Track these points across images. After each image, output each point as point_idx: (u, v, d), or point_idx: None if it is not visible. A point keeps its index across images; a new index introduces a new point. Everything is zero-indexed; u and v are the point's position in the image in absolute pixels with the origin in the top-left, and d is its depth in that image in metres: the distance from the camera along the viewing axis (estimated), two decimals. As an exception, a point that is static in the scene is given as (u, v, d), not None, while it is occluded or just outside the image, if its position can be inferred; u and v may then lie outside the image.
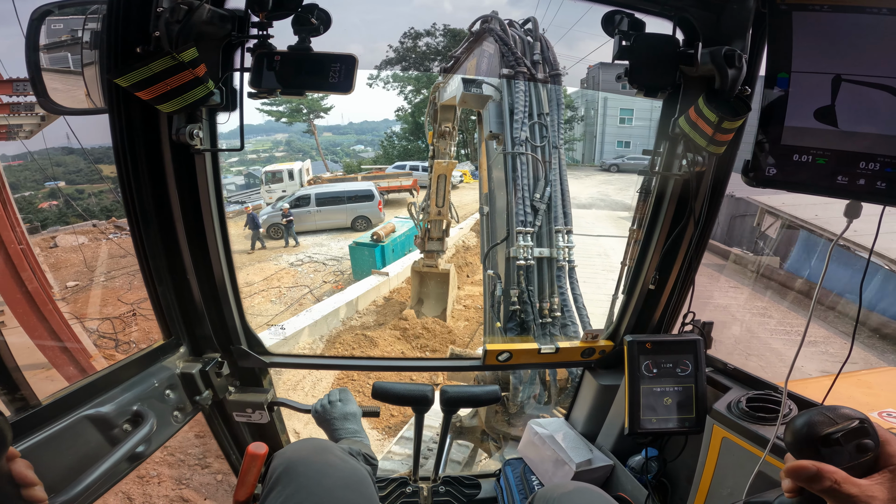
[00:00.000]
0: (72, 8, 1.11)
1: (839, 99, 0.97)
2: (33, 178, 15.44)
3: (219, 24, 1.04)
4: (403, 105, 29.91)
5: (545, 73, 2.89)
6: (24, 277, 4.75)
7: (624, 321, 1.51)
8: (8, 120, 5.56)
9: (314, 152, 33.29)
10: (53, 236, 12.50)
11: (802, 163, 1.02)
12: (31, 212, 14.25)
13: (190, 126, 1.05)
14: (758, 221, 10.08)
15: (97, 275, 10.14)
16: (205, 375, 1.27)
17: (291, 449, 1.12)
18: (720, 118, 1.06)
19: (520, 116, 2.77)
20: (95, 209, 15.31)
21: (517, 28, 3.05)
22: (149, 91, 0.97)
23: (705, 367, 1.33)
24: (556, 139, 2.88)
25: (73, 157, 16.97)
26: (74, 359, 5.05)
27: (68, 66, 1.06)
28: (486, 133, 2.98)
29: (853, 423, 0.59)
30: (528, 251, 2.62)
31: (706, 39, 1.12)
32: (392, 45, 27.02)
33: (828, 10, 1.03)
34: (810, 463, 0.58)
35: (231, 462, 1.63)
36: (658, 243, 1.33)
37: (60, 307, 5.31)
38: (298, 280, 11.53)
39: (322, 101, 30.48)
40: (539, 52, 2.90)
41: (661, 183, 1.28)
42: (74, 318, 7.24)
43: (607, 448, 1.68)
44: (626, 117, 29.11)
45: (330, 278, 11.60)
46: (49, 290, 5.35)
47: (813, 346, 7.01)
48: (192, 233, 1.17)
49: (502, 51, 2.88)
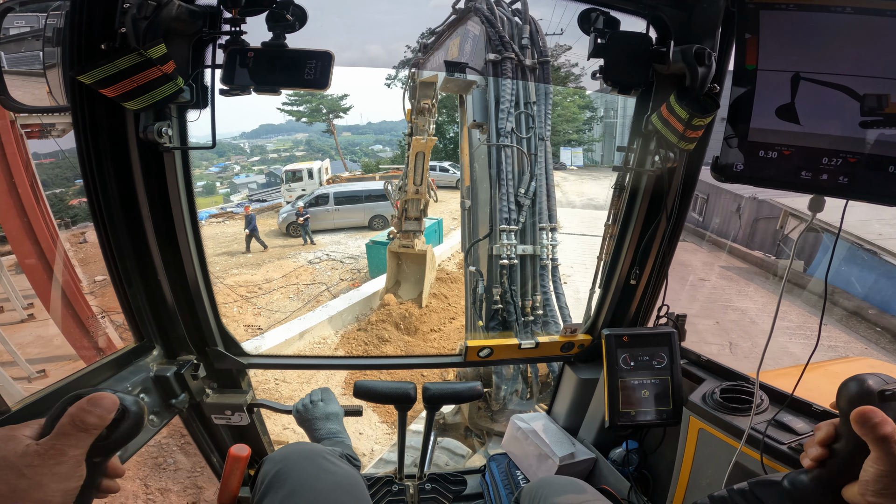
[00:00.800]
0: (33, 4, 1.07)
1: (800, 97, 1.00)
2: (64, 176, 15.31)
3: (189, 20, 1.02)
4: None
5: (533, 59, 2.72)
6: (56, 272, 4.79)
7: (601, 315, 1.53)
8: (41, 119, 5.48)
9: (333, 152, 33.23)
10: (83, 232, 12.49)
11: (768, 159, 1.05)
12: (62, 209, 14.14)
13: (158, 124, 1.02)
14: (780, 224, 10.16)
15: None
16: (180, 378, 1.25)
17: (281, 453, 1.11)
18: (690, 115, 1.08)
19: (506, 106, 2.62)
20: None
21: (505, 8, 2.84)
22: (114, 88, 0.94)
23: (680, 360, 1.35)
24: (544, 131, 2.75)
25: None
26: (101, 351, 5.09)
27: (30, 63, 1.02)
28: (469, 122, 2.84)
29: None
30: (511, 249, 2.56)
31: (678, 38, 1.13)
32: (410, 46, 26.85)
33: (794, 8, 1.05)
34: (878, 409, 0.61)
35: (212, 465, 1.61)
36: (633, 238, 1.35)
37: (89, 300, 5.31)
38: (316, 277, 11.66)
39: (341, 102, 30.44)
40: (528, 35, 2.71)
41: (635, 179, 1.30)
42: (102, 311, 7.21)
43: (589, 441, 1.70)
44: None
45: (347, 276, 11.74)
46: (78, 284, 5.33)
47: (812, 338, 7.15)
48: (163, 233, 1.14)
49: (489, 33, 2.69)
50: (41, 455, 0.55)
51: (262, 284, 10.98)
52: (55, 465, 0.55)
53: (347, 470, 1.10)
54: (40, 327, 5.47)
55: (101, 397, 0.60)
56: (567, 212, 15.94)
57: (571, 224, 14.02)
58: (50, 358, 5.12)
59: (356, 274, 11.81)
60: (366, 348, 7.81)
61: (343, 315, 8.48)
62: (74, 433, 0.57)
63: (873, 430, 0.60)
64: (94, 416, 0.58)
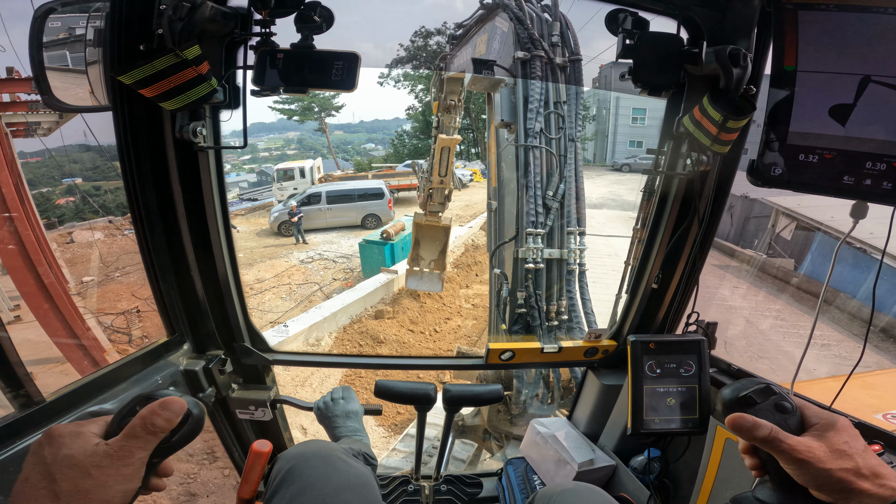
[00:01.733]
0: (75, 6, 1.11)
1: (842, 99, 0.96)
2: (51, 175, 15.47)
3: (221, 21, 1.04)
4: (414, 104, 29.96)
5: (564, 57, 2.62)
6: (41, 272, 4.79)
7: (627, 321, 1.51)
8: (26, 117, 5.60)
9: (325, 150, 33.49)
10: (70, 232, 12.59)
11: (808, 162, 1.02)
12: (49, 208, 14.28)
13: (193, 123, 1.05)
14: (773, 223, 10.02)
15: (112, 270, 10.24)
16: (208, 372, 1.28)
17: (296, 450, 1.12)
18: (725, 117, 1.05)
19: (535, 105, 2.54)
20: (111, 206, 15.42)
21: (534, 4, 2.74)
22: (152, 88, 0.97)
23: (709, 368, 1.32)
24: (574, 132, 2.66)
25: (90, 154, 17.09)
26: (89, 353, 5.10)
27: (72, 63, 1.06)
28: (497, 121, 2.74)
29: (759, 385, 0.70)
30: (537, 253, 2.50)
31: (711, 38, 1.11)
32: (403, 44, 26.96)
33: (834, 9, 1.02)
34: (747, 415, 0.66)
35: (234, 459, 1.63)
36: (662, 243, 1.32)
37: (76, 302, 5.32)
38: (309, 277, 11.63)
39: (333, 100, 30.66)
40: (558, 32, 2.62)
41: (665, 182, 1.27)
42: (89, 312, 7.26)
43: (610, 448, 1.67)
44: (638, 117, 28.98)
45: (340, 276, 11.67)
46: (65, 284, 5.40)
47: (826, 350, 6.97)
48: (196, 230, 1.17)
49: (517, 30, 2.60)
50: (110, 456, 0.56)
51: (253, 284, 10.94)
52: (122, 466, 0.56)
53: (359, 469, 1.11)
54: (27, 329, 5.25)
55: (172, 401, 0.61)
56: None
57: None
58: (37, 361, 5.05)
59: (349, 273, 11.73)
60: (360, 350, 7.86)
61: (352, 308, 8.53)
62: (143, 435, 0.58)
63: (750, 436, 0.64)
64: (162, 419, 0.59)
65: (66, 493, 0.52)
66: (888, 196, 0.97)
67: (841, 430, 0.63)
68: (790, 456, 0.61)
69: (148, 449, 0.58)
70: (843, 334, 7.43)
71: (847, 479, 0.58)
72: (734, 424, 0.66)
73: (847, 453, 0.60)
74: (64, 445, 0.55)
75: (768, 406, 0.67)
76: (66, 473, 0.53)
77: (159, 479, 0.65)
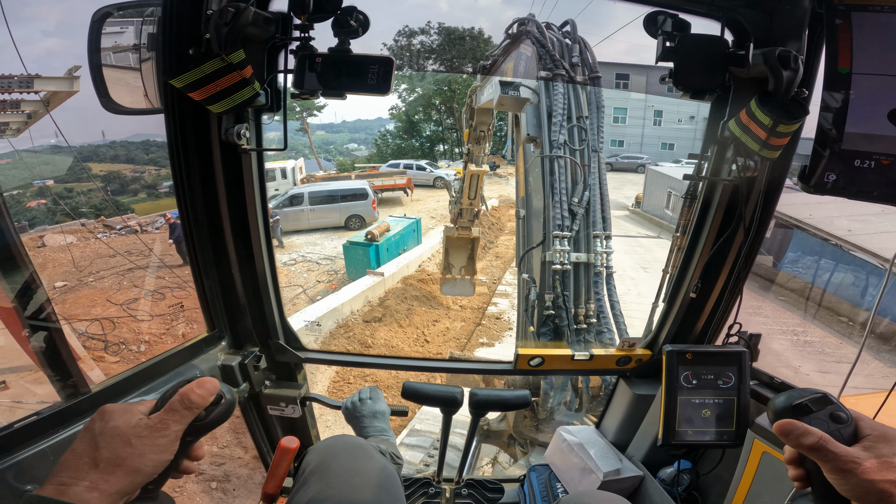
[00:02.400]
0: (129, 10, 1.15)
1: None
2: (21, 177, 15.58)
3: (263, 26, 1.06)
4: (398, 104, 30.00)
5: (584, 75, 2.85)
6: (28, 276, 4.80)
7: (663, 330, 1.47)
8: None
9: (307, 150, 33.31)
10: (41, 235, 12.31)
11: (865, 168, 0.97)
12: (19, 211, 13.66)
13: (238, 126, 1.08)
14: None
15: (86, 275, 10.04)
16: (243, 368, 1.30)
17: (324, 445, 1.14)
18: (775, 121, 1.02)
19: (558, 119, 2.73)
20: (84, 208, 15.54)
21: (555, 31, 3.00)
22: (200, 92, 1.00)
23: (749, 380, 1.28)
24: (596, 142, 2.83)
25: (61, 156, 17.26)
26: (62, 360, 5.03)
27: (127, 66, 1.10)
28: (524, 136, 2.93)
29: (817, 394, 0.69)
30: (564, 256, 2.58)
31: (758, 40, 1.07)
32: (386, 44, 26.89)
33: (889, 10, 0.98)
34: (797, 421, 0.66)
35: (262, 454, 1.67)
36: (703, 251, 1.28)
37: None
38: (291, 280, 11.41)
39: (315, 100, 30.76)
40: (578, 53, 2.85)
41: (709, 188, 1.23)
42: (63, 318, 7.18)
43: (638, 459, 1.64)
44: (619, 116, 28.76)
45: (324, 278, 11.49)
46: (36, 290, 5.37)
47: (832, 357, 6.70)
48: (238, 229, 1.20)
49: (539, 53, 2.84)
50: (150, 427, 0.61)
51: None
52: (158, 437, 0.60)
53: (385, 465, 1.12)
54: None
55: (207, 381, 0.66)
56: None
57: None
58: (9, 369, 4.93)
59: (333, 276, 11.53)
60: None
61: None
62: (180, 409, 0.63)
63: (798, 443, 0.64)
64: (197, 395, 0.64)
65: (105, 461, 0.57)
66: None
67: (893, 441, 0.61)
68: (835, 465, 0.61)
69: (183, 423, 0.63)
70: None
71: (889, 490, 0.57)
72: (783, 430, 0.66)
73: (895, 466, 0.58)
74: (112, 419, 0.61)
75: (823, 415, 0.67)
76: (109, 442, 0.58)
77: (191, 462, 0.68)
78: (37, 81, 5.62)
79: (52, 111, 5.95)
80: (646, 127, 28.74)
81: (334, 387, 7.11)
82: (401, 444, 5.16)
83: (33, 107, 6.11)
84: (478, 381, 3.32)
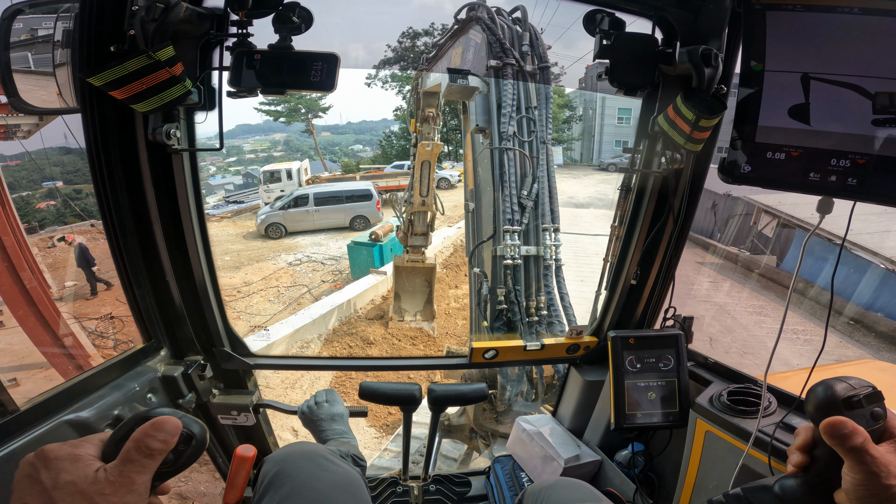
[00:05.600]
0: (43, 7, 1.08)
1: (811, 97, 0.99)
2: (31, 178, 15.02)
3: (197, 22, 1.02)
4: (402, 105, 29.78)
5: (534, 65, 2.78)
6: (23, 277, 4.68)
7: (607, 317, 1.53)
8: (6, 119, 5.43)
9: (312, 152, 32.95)
10: (51, 236, 12.36)
11: (776, 160, 1.04)
12: (29, 212, 13.95)
13: (167, 125, 1.03)
14: (754, 220, 10.26)
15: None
16: (187, 378, 1.26)
17: (281, 453, 1.11)
18: (697, 116, 1.07)
19: (507, 110, 2.68)
20: (93, 209, 15.03)
21: (505, 17, 2.91)
22: (123, 90, 0.95)
23: (687, 362, 1.34)
24: (545, 134, 2.81)
25: (70, 157, 16.62)
26: (73, 358, 4.99)
27: (40, 65, 1.03)
28: (472, 126, 2.89)
29: (869, 389, 0.63)
30: (514, 250, 2.58)
31: (684, 38, 1.13)
32: (391, 45, 26.82)
33: (801, 9, 1.05)
34: (848, 420, 0.60)
35: (218, 465, 1.61)
36: (639, 240, 1.34)
37: (59, 307, 5.19)
38: (297, 279, 11.49)
39: (320, 101, 30.38)
40: (528, 43, 2.78)
41: (641, 180, 1.29)
42: (73, 317, 7.10)
43: (594, 443, 1.69)
44: (623, 117, 29.36)
45: (328, 278, 11.54)
46: (47, 289, 5.26)
47: (808, 345, 7.15)
48: (171, 234, 1.15)
49: (490, 41, 2.75)
50: (112, 483, 0.53)
51: (240, 287, 10.80)
52: (126, 493, 0.53)
53: (347, 470, 1.10)
54: (10, 335, 5.19)
55: (164, 422, 0.58)
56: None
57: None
58: (21, 366, 4.96)
59: (338, 275, 11.63)
60: (350, 352, 7.80)
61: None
62: (140, 459, 0.55)
63: (843, 442, 0.59)
64: (158, 440, 0.56)
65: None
66: (853, 192, 1.00)
67: None
68: (867, 468, 0.57)
69: (148, 473, 0.56)
70: (815, 323, 7.65)
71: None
72: (831, 429, 0.60)
73: None
74: (63, 470, 0.53)
75: (867, 412, 0.62)
76: (69, 502, 0.51)
77: (155, 497, 0.62)
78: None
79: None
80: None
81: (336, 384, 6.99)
82: (385, 448, 5.09)
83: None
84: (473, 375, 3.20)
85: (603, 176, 24.54)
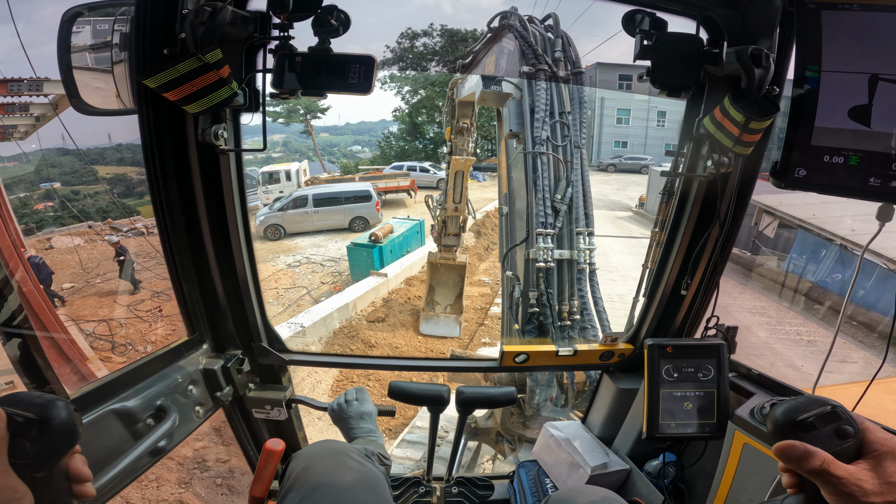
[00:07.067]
0: (101, 10, 1.13)
1: (874, 98, 0.95)
2: (28, 180, 14.90)
3: (241, 25, 1.05)
4: (401, 105, 29.93)
5: (567, 70, 2.82)
6: (19, 279, 4.70)
7: (644, 324, 1.49)
8: (2, 121, 5.57)
9: (311, 153, 33.12)
10: (49, 238, 12.41)
11: (833, 164, 1.00)
12: (27, 213, 13.91)
13: (215, 126, 1.07)
14: (755, 221, 9.95)
15: (93, 276, 10.12)
16: (226, 372, 1.29)
17: (309, 450, 1.14)
18: (747, 118, 1.04)
19: (541, 115, 2.71)
20: (91, 210, 15.36)
21: (537, 25, 2.97)
22: (176, 92, 0.98)
23: (728, 372, 1.30)
24: (578, 139, 2.82)
25: (68, 159, 16.92)
26: (70, 361, 5.02)
27: (99, 67, 1.08)
28: (506, 132, 2.92)
29: (825, 409, 0.62)
30: (548, 253, 2.57)
31: (731, 39, 1.09)
32: (389, 46, 26.92)
33: (858, 8, 1.00)
34: (798, 443, 0.60)
35: (248, 458, 1.65)
36: (681, 246, 1.30)
37: (56, 310, 5.30)
38: (296, 281, 11.48)
39: (319, 102, 30.58)
40: (560, 49, 2.83)
41: (685, 184, 1.26)
42: (70, 320, 7.15)
43: (624, 452, 1.66)
44: (623, 117, 28.90)
45: (328, 279, 11.52)
46: (43, 291, 5.35)
47: (812, 346, 6.85)
48: (217, 231, 1.19)
49: (522, 48, 2.80)
50: None
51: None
52: None
53: (370, 469, 1.12)
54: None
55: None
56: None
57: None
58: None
59: (337, 277, 11.58)
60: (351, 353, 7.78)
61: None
62: None
63: (799, 465, 0.59)
64: None
65: None
66: (917, 198, 0.95)
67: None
68: (836, 489, 0.56)
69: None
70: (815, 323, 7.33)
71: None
72: (782, 453, 0.60)
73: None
74: None
75: (828, 431, 0.60)
76: None
77: (81, 485, 0.61)
78: (46, 84, 5.48)
79: (60, 114, 5.80)
80: (649, 128, 28.70)
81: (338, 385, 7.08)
82: (402, 440, 5.11)
83: (41, 109, 6.00)
84: (479, 379, 3.29)
85: (602, 176, 23.99)
